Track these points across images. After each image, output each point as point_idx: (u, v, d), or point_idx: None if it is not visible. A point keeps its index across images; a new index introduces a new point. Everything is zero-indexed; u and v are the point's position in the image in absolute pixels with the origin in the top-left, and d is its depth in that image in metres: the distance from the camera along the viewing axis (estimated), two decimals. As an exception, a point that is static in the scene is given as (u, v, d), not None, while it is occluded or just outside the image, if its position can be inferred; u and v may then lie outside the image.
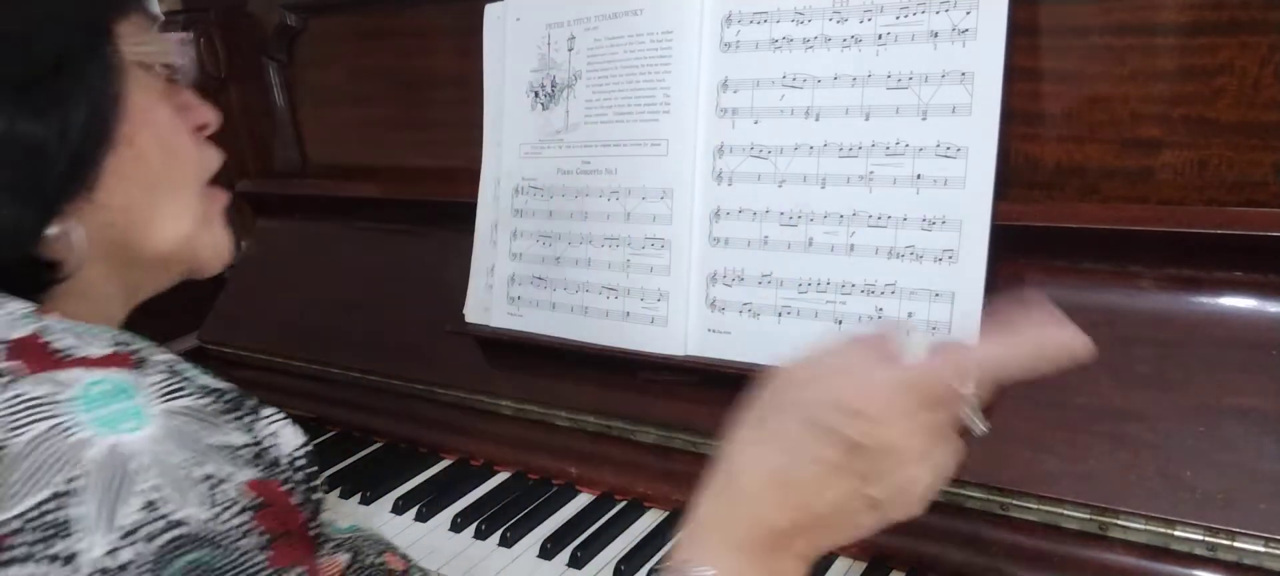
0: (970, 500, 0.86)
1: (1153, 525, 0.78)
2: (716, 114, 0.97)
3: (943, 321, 0.86)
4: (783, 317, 0.93)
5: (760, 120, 0.94)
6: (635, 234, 1.01)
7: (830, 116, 0.91)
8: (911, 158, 0.87)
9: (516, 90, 1.11)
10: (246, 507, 0.51)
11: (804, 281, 0.92)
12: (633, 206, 1.01)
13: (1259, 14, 0.78)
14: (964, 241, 0.85)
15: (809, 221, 0.92)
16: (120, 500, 0.47)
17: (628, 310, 1.01)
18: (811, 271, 0.92)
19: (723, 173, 0.96)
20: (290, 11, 1.36)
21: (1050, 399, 0.86)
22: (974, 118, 0.84)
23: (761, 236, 0.95)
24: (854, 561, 0.90)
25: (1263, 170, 0.80)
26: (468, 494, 1.07)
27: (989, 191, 0.84)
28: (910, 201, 0.87)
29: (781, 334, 0.93)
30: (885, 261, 0.88)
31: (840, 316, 0.90)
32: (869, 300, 0.89)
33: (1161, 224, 0.82)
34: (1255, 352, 0.79)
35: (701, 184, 0.98)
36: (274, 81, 1.42)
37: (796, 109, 0.93)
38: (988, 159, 0.84)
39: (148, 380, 0.53)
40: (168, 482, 0.49)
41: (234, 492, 0.51)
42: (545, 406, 1.10)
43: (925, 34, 0.86)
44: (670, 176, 0.99)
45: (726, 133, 0.97)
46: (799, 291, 0.92)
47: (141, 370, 0.54)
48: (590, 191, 1.05)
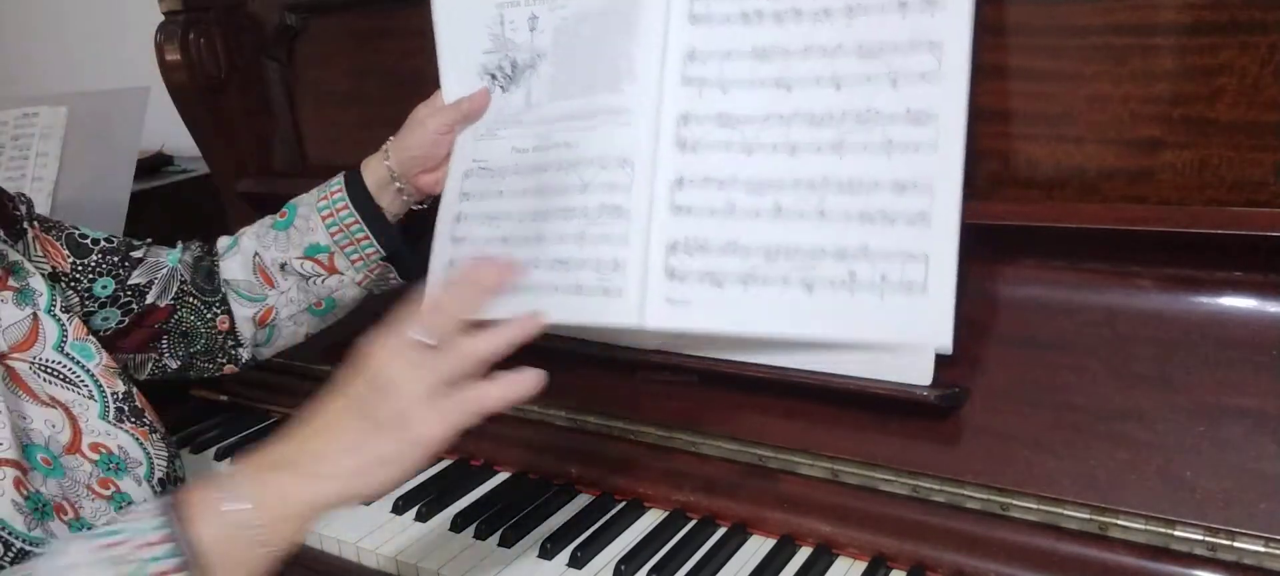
0: (970, 500, 0.86)
1: (1153, 525, 0.78)
2: (682, 83, 0.93)
3: (918, 281, 0.84)
4: (748, 286, 0.90)
5: (728, 90, 0.92)
6: (591, 204, 0.95)
7: (801, 87, 0.89)
8: (882, 125, 0.86)
9: (468, 74, 1.08)
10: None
11: (771, 249, 0.90)
12: (590, 177, 0.95)
13: (1259, 14, 0.78)
14: (936, 204, 0.84)
15: (778, 189, 0.90)
16: None
17: (579, 283, 0.95)
18: (780, 238, 0.89)
19: (687, 141, 0.93)
20: (290, 11, 1.36)
21: (1050, 399, 0.86)
22: (943, 83, 0.84)
23: (727, 205, 0.91)
24: (854, 561, 0.90)
25: (1263, 170, 0.80)
26: (468, 494, 1.07)
27: (960, 154, 0.84)
28: (881, 166, 0.86)
29: (747, 301, 0.90)
30: (857, 225, 0.87)
31: (810, 282, 0.88)
32: (841, 265, 0.87)
33: (1161, 224, 0.82)
34: (1255, 352, 0.79)
35: (666, 153, 0.93)
36: (274, 81, 1.42)
37: (766, 79, 0.90)
38: (958, 118, 0.84)
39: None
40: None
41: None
42: (546, 406, 1.10)
43: (894, 5, 0.85)
44: (630, 146, 0.94)
45: (692, 102, 0.93)
46: (766, 259, 0.90)
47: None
48: (546, 166, 0.99)
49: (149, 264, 1.05)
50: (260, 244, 1.07)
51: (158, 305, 1.04)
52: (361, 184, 1.05)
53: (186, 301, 1.06)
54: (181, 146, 1.68)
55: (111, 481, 0.84)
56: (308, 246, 1.04)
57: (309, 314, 1.09)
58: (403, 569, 0.97)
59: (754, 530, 0.96)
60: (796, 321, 0.89)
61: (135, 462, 0.87)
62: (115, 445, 0.87)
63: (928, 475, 0.88)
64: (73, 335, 0.90)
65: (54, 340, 0.89)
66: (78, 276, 0.99)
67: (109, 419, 0.88)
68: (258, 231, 1.09)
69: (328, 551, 1.02)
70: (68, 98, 1.65)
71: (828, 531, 0.92)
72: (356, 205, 1.04)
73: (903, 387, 0.87)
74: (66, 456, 0.83)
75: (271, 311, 1.08)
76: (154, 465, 0.89)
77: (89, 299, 0.99)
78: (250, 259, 1.07)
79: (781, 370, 0.93)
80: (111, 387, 0.90)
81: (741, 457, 0.98)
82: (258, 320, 1.08)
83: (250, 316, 1.08)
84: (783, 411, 0.96)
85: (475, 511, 1.03)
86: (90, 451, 0.84)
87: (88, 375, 0.89)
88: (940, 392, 0.86)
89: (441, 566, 0.95)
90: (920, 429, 0.89)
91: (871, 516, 0.91)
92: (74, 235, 1.01)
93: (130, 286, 1.02)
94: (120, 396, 0.90)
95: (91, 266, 1.00)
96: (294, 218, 1.06)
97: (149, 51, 1.37)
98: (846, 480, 0.92)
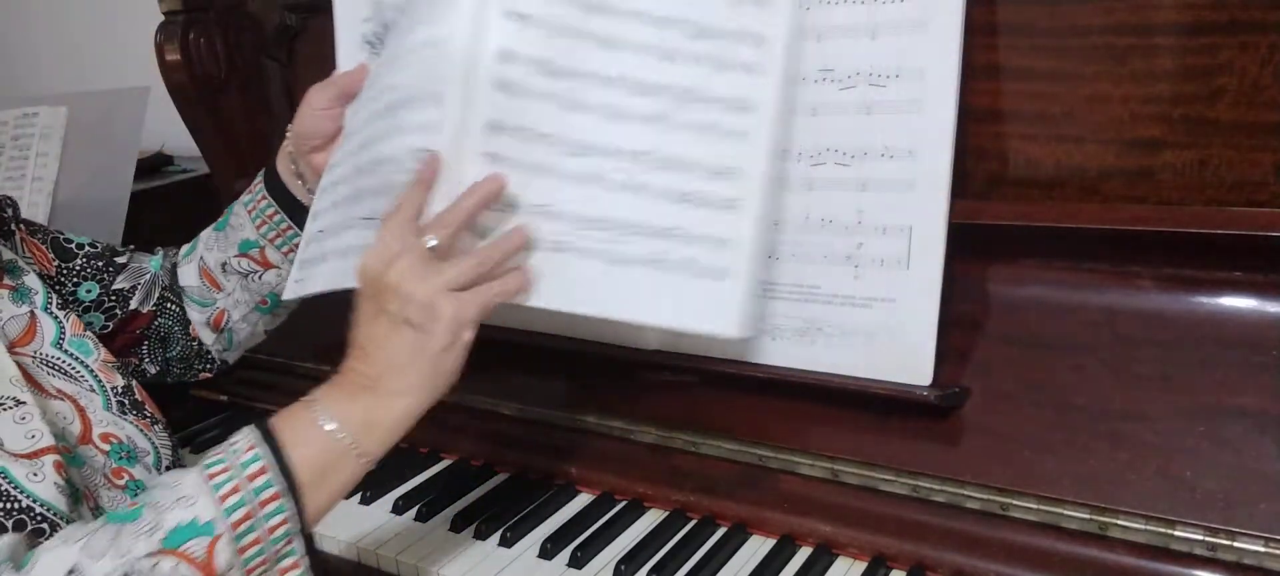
0: (970, 500, 0.86)
1: (1153, 525, 0.78)
2: (503, 16, 0.83)
3: (722, 267, 0.84)
4: (561, 253, 0.84)
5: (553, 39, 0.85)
6: (401, 148, 0.85)
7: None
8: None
9: (353, 46, 1.06)
10: None
11: (585, 218, 0.84)
12: (404, 119, 0.86)
13: (1259, 14, 0.78)
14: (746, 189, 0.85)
15: (600, 155, 0.84)
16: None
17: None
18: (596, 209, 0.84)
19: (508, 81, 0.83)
20: (290, 11, 1.36)
21: (1050, 399, 0.86)
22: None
23: (545, 164, 0.84)
24: (854, 561, 0.90)
25: (1263, 170, 0.80)
26: (468, 494, 1.07)
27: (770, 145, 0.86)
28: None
29: (552, 272, 0.84)
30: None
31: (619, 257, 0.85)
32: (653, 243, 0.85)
33: (1161, 224, 0.82)
34: (1255, 352, 0.79)
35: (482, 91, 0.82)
36: (274, 81, 1.42)
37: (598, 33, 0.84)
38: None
39: None
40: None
41: None
42: (545, 406, 1.10)
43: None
44: (442, 79, 0.83)
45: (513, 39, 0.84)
46: (576, 228, 0.84)
47: None
48: (375, 118, 0.90)
49: (132, 269, 1.05)
50: (205, 248, 1.08)
51: (140, 311, 1.04)
52: (277, 175, 1.04)
53: (166, 307, 1.07)
54: (181, 146, 1.68)
55: (124, 470, 0.85)
56: (240, 243, 1.05)
57: (258, 312, 1.09)
58: (403, 569, 0.97)
59: (754, 530, 0.96)
60: (596, 298, 0.85)
61: (144, 452, 0.88)
62: (124, 435, 0.88)
63: (928, 475, 0.88)
64: (71, 331, 0.91)
65: (52, 337, 0.89)
66: (62, 280, 1.00)
67: (113, 411, 0.89)
68: (205, 237, 1.10)
69: (327, 551, 1.03)
70: (68, 98, 1.65)
71: (828, 531, 0.92)
72: (274, 195, 1.04)
73: (903, 387, 0.87)
74: (81, 447, 0.83)
75: (223, 315, 1.08)
76: (160, 455, 0.89)
77: (74, 303, 0.99)
78: (197, 265, 1.08)
79: (781, 370, 0.93)
80: (111, 382, 0.90)
81: (741, 457, 0.98)
82: (212, 324, 1.09)
83: (205, 321, 1.09)
84: (783, 411, 0.96)
85: (475, 511, 1.03)
86: (102, 442, 0.85)
87: (87, 370, 0.89)
88: (940, 392, 0.86)
89: (442, 566, 0.95)
90: (920, 429, 0.89)
91: (871, 516, 0.91)
92: (59, 239, 1.02)
93: (114, 291, 1.03)
94: (120, 390, 0.90)
95: (76, 270, 1.01)
96: (229, 217, 1.07)
97: (149, 51, 1.37)
98: (846, 480, 0.92)
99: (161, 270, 1.08)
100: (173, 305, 1.07)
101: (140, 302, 1.04)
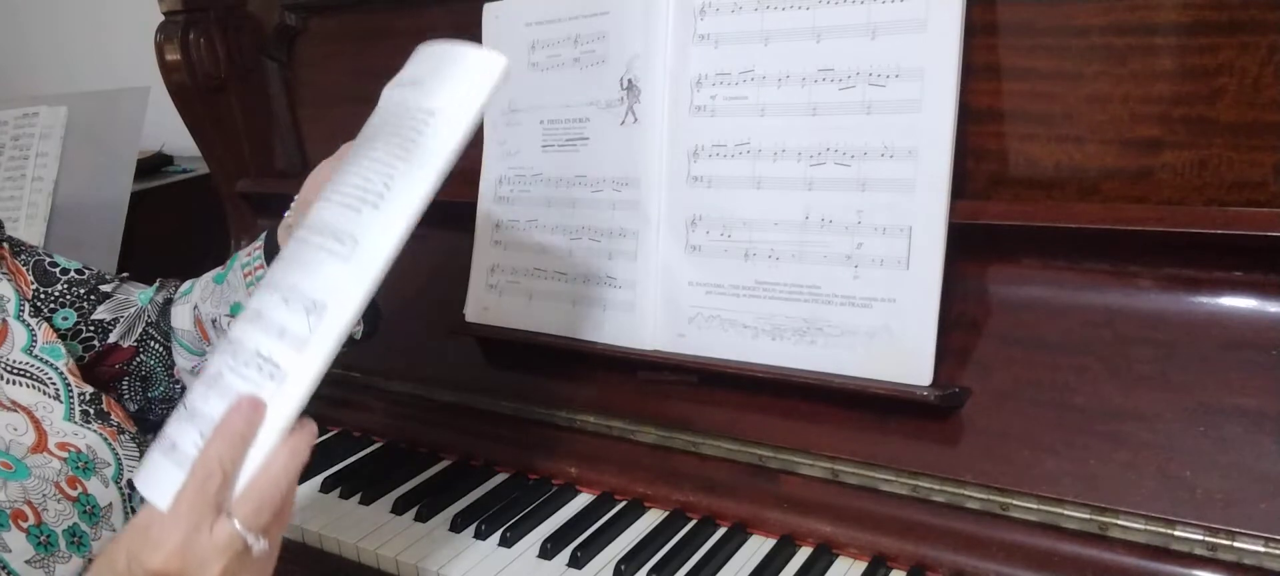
0: (970, 500, 0.86)
1: (1153, 525, 0.78)
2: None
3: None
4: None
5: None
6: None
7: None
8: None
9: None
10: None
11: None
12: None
13: (1259, 14, 0.78)
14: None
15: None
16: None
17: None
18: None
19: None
20: (290, 11, 1.36)
21: (1050, 399, 0.86)
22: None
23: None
24: (854, 561, 0.90)
25: (1263, 170, 0.80)
26: (468, 494, 1.07)
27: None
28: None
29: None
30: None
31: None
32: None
33: (1161, 224, 0.82)
34: (1255, 352, 0.79)
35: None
36: (274, 81, 1.42)
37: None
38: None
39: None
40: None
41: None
42: (545, 406, 1.10)
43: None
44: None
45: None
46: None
47: None
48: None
49: (117, 300, 1.00)
50: (201, 296, 1.01)
51: (120, 345, 0.99)
52: (276, 242, 0.97)
53: (150, 345, 1.01)
54: (181, 146, 1.69)
55: (79, 481, 0.82)
56: (232, 305, 0.98)
57: None
58: (403, 569, 0.97)
59: (754, 530, 0.96)
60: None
61: (104, 463, 0.85)
62: (83, 444, 0.84)
63: (928, 475, 0.88)
64: (42, 339, 0.88)
65: (23, 343, 0.87)
66: (39, 305, 0.95)
67: (75, 420, 0.86)
68: (204, 282, 1.03)
69: (328, 551, 1.03)
70: (68, 98, 1.65)
71: (828, 531, 0.92)
72: (270, 262, 0.96)
73: (903, 387, 0.87)
74: (32, 456, 0.81)
75: None
76: (123, 466, 0.86)
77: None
78: (192, 310, 1.01)
79: (781, 370, 0.93)
80: (79, 388, 0.88)
81: (741, 457, 0.98)
82: (197, 374, 1.04)
83: (190, 370, 1.02)
84: (783, 411, 0.96)
85: (475, 511, 1.03)
86: (58, 449, 0.82)
87: (56, 373, 0.87)
88: (940, 392, 0.86)
89: (442, 566, 0.95)
90: (920, 429, 0.89)
91: (871, 516, 0.91)
92: (43, 262, 0.98)
93: (93, 321, 0.98)
94: (87, 397, 0.88)
95: (54, 296, 0.96)
96: (228, 273, 1.01)
97: (149, 51, 1.37)
98: (846, 480, 0.92)
99: (150, 304, 1.02)
100: (157, 344, 1.02)
101: (121, 336, 0.99)
